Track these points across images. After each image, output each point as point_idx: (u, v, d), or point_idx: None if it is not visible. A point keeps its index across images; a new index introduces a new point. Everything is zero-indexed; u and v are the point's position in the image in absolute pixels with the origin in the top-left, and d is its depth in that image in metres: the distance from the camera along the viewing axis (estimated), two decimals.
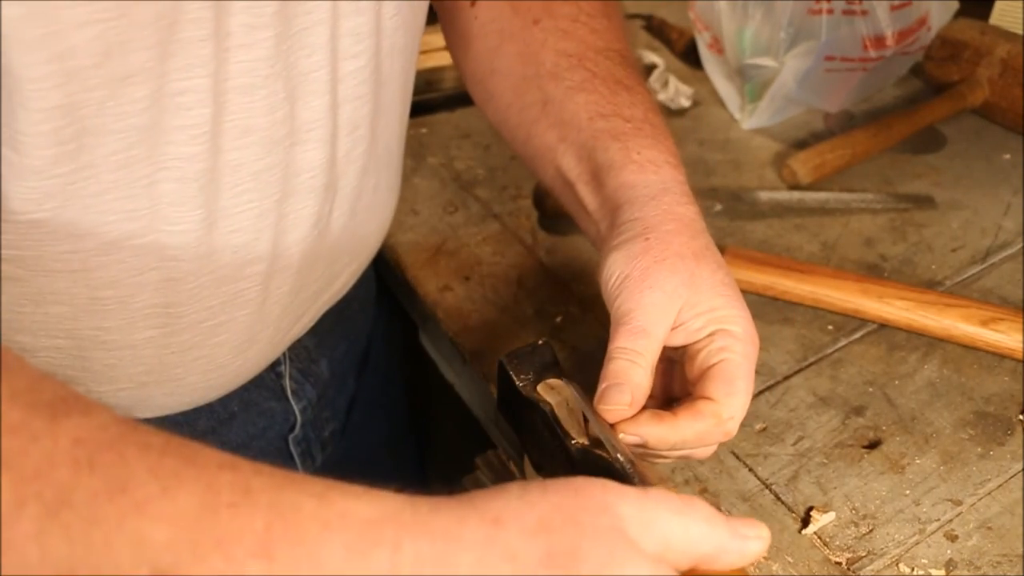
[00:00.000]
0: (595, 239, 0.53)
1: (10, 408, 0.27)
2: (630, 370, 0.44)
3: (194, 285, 0.47)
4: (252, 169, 0.45)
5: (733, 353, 0.45)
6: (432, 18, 0.62)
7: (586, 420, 0.44)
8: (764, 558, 0.50)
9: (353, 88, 0.49)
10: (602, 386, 0.44)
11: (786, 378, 0.61)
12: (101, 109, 0.38)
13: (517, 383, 0.48)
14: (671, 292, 0.46)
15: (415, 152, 0.84)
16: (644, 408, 0.45)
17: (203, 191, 0.44)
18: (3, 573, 0.25)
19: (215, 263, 0.47)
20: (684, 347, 0.47)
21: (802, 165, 0.79)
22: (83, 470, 0.27)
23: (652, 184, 0.50)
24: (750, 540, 0.33)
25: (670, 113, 0.91)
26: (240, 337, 0.52)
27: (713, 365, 0.45)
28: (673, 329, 0.46)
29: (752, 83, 0.88)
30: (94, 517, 0.26)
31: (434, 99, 0.64)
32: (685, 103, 0.91)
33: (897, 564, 0.50)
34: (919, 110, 0.87)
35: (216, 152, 0.43)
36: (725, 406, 0.45)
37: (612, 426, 0.44)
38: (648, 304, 0.45)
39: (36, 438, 0.27)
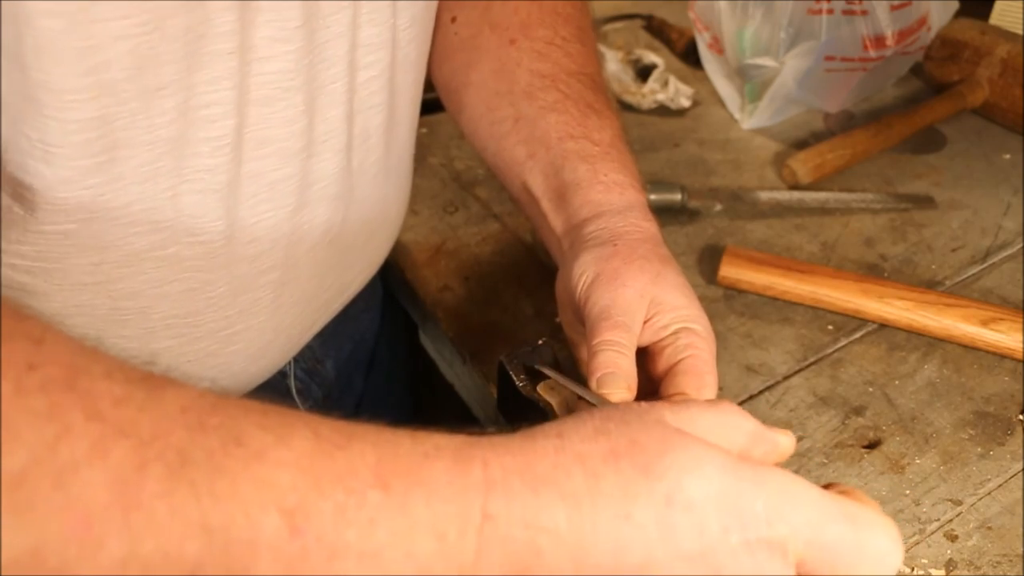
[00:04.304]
0: (556, 251, 0.56)
1: (109, 384, 0.28)
2: (620, 360, 0.45)
3: (211, 295, 0.47)
4: (269, 179, 0.46)
5: (699, 350, 0.46)
6: None
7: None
8: None
9: (367, 98, 0.50)
10: (596, 375, 0.44)
11: (786, 378, 0.61)
12: (132, 121, 0.38)
13: (517, 383, 0.48)
14: (641, 290, 0.47)
15: (415, 152, 0.84)
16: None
17: (223, 202, 0.44)
18: (135, 534, 0.25)
19: (232, 273, 0.47)
20: (648, 346, 0.48)
21: (802, 165, 0.79)
22: (196, 432, 0.28)
23: (617, 203, 0.52)
24: (779, 434, 0.36)
25: (670, 113, 0.91)
26: (254, 345, 0.52)
27: (681, 361, 0.46)
28: (643, 325, 0.48)
29: (752, 83, 0.88)
30: (217, 469, 0.27)
31: (434, 99, 0.65)
32: (685, 103, 0.91)
33: None
34: (919, 110, 0.87)
35: (237, 163, 0.44)
36: None
37: None
38: (623, 300, 0.47)
39: (143, 408, 0.27)
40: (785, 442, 0.36)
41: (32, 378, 0.26)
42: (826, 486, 0.34)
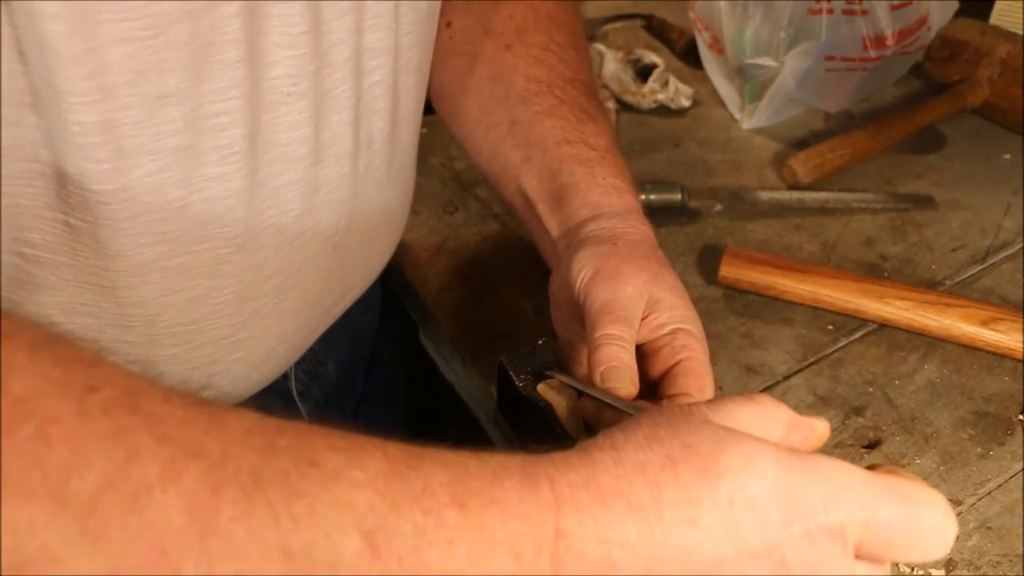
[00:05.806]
0: (549, 254, 0.56)
1: (171, 407, 0.27)
2: (622, 354, 0.45)
3: (217, 302, 0.47)
4: (274, 185, 0.46)
5: (696, 351, 0.47)
6: None
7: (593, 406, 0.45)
8: None
9: (372, 103, 0.50)
10: (599, 369, 0.45)
11: (786, 378, 0.61)
12: (137, 128, 0.38)
13: (517, 383, 0.48)
14: (640, 287, 0.48)
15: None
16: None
17: (231, 210, 0.44)
18: (212, 560, 0.25)
19: (238, 281, 0.47)
20: (643, 344, 0.48)
21: (802, 165, 0.79)
22: (267, 454, 0.27)
23: (616, 205, 0.53)
24: (814, 421, 0.36)
25: (670, 113, 0.91)
26: (258, 351, 0.52)
27: (680, 362, 0.47)
28: (640, 321, 0.48)
29: (752, 83, 0.88)
30: (294, 491, 0.26)
31: None
32: (685, 103, 0.91)
33: (897, 564, 0.50)
34: (919, 110, 0.87)
35: (246, 171, 0.43)
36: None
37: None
38: (623, 296, 0.47)
39: (208, 431, 0.27)
40: (821, 427, 0.36)
41: (94, 400, 0.26)
42: (869, 467, 0.34)
